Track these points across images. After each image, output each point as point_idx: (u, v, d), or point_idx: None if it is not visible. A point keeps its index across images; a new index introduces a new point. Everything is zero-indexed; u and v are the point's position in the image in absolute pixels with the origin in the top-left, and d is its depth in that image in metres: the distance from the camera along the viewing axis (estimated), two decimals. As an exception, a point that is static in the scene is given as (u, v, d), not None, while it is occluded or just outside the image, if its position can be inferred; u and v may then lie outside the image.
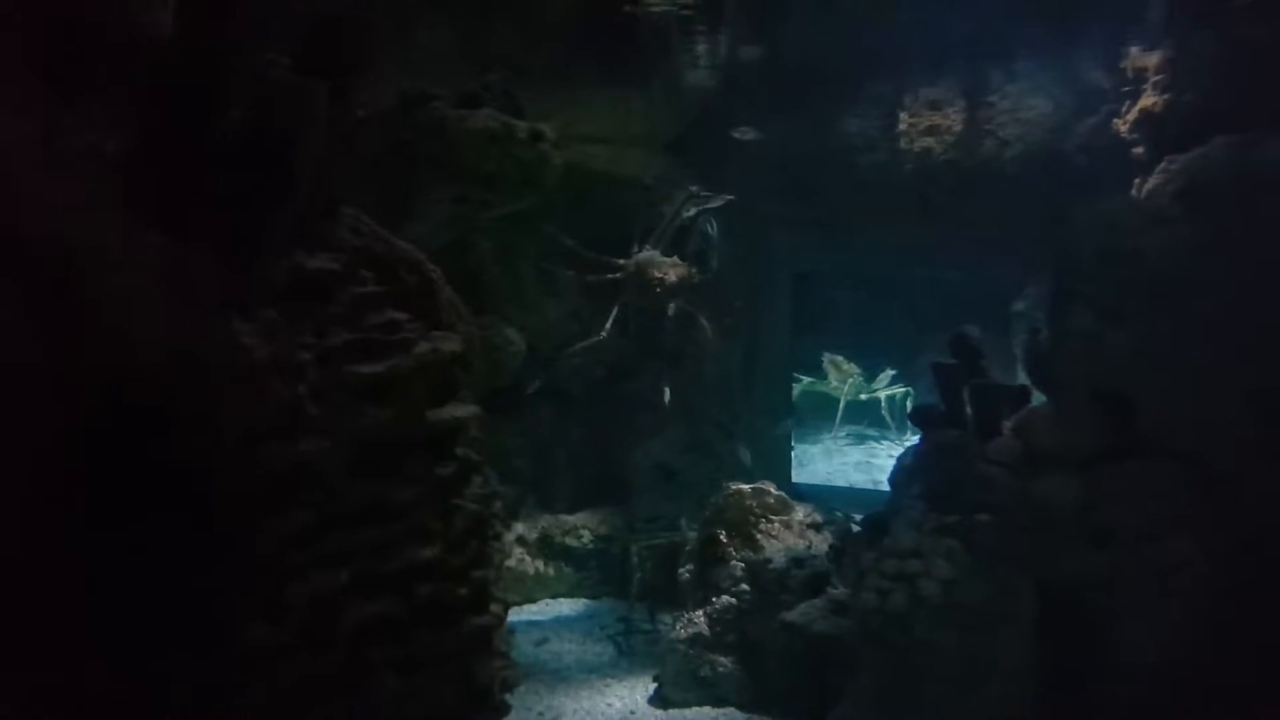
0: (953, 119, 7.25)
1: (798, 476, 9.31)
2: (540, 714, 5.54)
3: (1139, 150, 5.98)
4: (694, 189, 7.13)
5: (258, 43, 2.22)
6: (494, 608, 2.94)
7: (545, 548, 7.40)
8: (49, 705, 1.99)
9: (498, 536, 3.42)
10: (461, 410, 2.83)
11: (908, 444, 5.97)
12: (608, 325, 6.94)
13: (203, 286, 2.17)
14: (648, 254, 7.08)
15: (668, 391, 7.03)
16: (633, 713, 5.60)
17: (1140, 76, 5.97)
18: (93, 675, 2.09)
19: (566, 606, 7.30)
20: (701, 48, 7.56)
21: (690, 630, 5.82)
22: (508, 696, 3.16)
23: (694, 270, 7.11)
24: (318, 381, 2.38)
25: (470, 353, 2.96)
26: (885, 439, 11.94)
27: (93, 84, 2.17)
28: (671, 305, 7.06)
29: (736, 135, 7.15)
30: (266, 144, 2.24)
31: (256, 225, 2.27)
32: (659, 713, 5.59)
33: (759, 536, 6.00)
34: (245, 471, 2.22)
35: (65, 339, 1.95)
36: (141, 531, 2.11)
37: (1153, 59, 5.87)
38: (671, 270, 6.97)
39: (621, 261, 7.09)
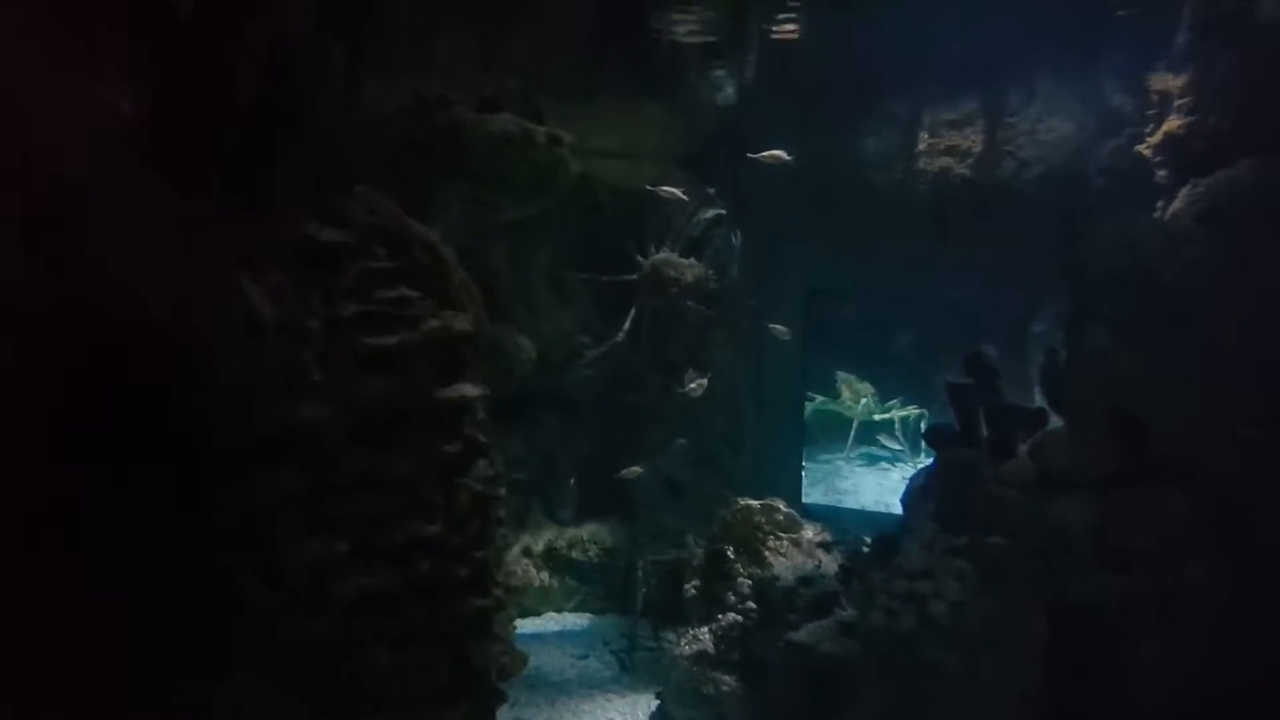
0: (972, 139, 7.21)
1: (808, 497, 9.21)
2: (539, 727, 5.46)
3: (1163, 174, 5.93)
4: (710, 192, 7.13)
5: (275, 2, 2.22)
6: (495, 591, 2.88)
7: (550, 560, 7.32)
8: (33, 656, 1.95)
9: (501, 520, 3.37)
10: (470, 390, 2.79)
11: (921, 466, 5.88)
12: (625, 327, 6.93)
13: (212, 243, 2.16)
14: (664, 255, 7.10)
15: (700, 383, 6.96)
16: (633, 728, 5.51)
17: (1164, 99, 5.93)
18: (79, 620, 2.04)
19: (571, 620, 7.21)
20: (721, 68, 7.59)
21: (694, 647, 5.71)
22: (505, 685, 3.09)
23: (711, 274, 7.11)
24: (323, 348, 2.35)
25: (481, 336, 2.93)
26: (898, 461, 11.75)
27: (113, 44, 2.17)
28: (688, 308, 7.05)
29: (765, 157, 6.98)
30: (281, 102, 2.24)
31: (268, 182, 2.26)
32: (660, 729, 5.49)
33: (767, 554, 5.90)
34: (241, 429, 2.19)
35: (70, 283, 1.93)
36: (135, 478, 2.07)
37: (1177, 82, 5.82)
38: (688, 271, 6.98)
39: (640, 259, 7.10)
